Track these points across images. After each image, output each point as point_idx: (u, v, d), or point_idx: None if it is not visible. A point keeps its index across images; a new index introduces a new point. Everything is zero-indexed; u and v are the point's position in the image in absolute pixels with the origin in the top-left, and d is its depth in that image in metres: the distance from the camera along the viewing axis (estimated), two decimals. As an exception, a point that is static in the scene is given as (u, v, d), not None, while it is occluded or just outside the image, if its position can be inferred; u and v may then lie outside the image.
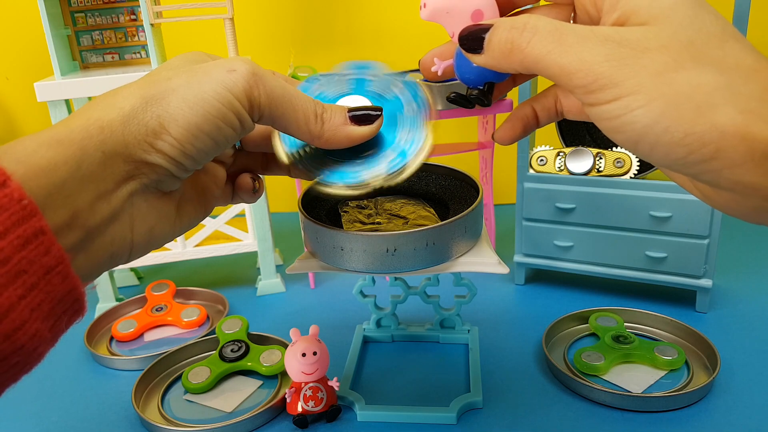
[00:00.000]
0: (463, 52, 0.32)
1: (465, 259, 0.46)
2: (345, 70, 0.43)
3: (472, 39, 0.31)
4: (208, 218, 0.73)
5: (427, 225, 0.44)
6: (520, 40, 0.28)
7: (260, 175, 0.42)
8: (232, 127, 0.32)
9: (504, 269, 0.45)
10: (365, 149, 0.39)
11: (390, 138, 0.39)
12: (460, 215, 0.45)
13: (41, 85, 0.65)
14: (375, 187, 0.37)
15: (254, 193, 0.41)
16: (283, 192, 1.03)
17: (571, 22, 0.33)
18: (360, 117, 0.37)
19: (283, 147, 0.39)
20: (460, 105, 0.36)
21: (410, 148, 0.38)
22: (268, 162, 0.42)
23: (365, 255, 0.44)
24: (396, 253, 0.43)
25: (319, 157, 0.39)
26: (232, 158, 0.41)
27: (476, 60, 0.31)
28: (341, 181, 0.37)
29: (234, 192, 0.41)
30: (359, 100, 0.40)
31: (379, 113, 0.38)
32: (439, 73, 0.36)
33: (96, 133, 0.29)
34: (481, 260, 0.45)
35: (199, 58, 0.36)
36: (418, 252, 0.44)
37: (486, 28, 0.30)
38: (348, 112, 0.37)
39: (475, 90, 0.35)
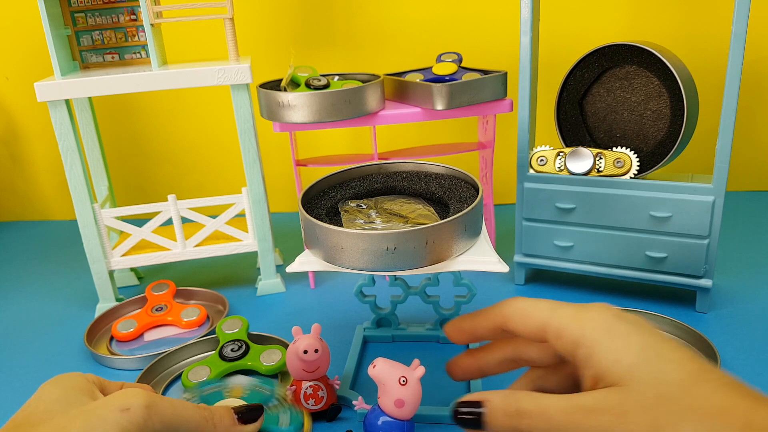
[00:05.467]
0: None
1: (465, 257, 0.46)
2: (192, 391, 0.46)
3: (470, 422, 0.33)
4: (207, 218, 0.74)
5: (426, 223, 0.44)
6: (520, 426, 0.31)
7: None
8: None
9: (504, 268, 0.45)
10: None
11: (272, 425, 0.43)
12: (459, 214, 0.45)
13: (41, 85, 0.65)
14: None
15: None
16: (283, 192, 1.03)
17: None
18: (246, 416, 0.40)
19: None
20: None
21: (293, 424, 0.42)
22: None
23: (365, 253, 0.44)
24: (396, 251, 0.43)
25: None
26: None
27: None
28: None
29: None
30: (235, 401, 0.44)
31: (261, 410, 0.41)
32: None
33: None
34: (480, 259, 0.45)
35: (77, 386, 0.37)
36: (418, 250, 0.44)
37: (479, 411, 0.33)
38: (234, 412, 0.40)
39: None
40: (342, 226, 0.48)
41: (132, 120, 1.04)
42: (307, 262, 0.47)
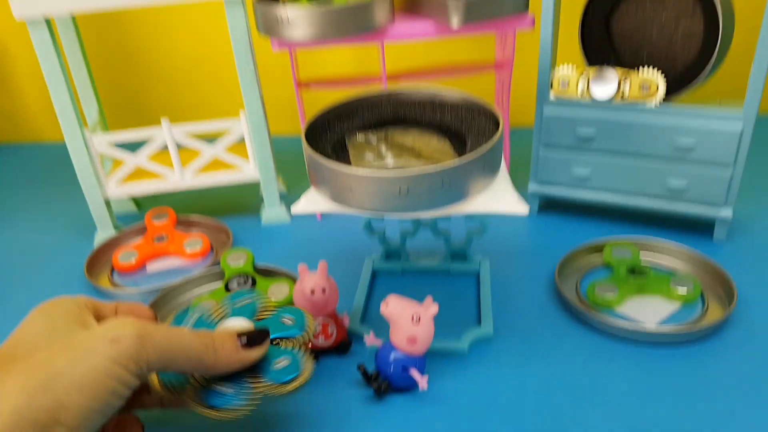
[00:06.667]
0: None
1: (482, 198, 0.43)
2: (223, 301, 0.44)
3: None
4: (205, 145, 0.70)
5: (441, 161, 0.41)
6: None
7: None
8: (122, 396, 0.32)
9: (524, 209, 0.42)
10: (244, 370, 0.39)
11: (270, 359, 0.40)
12: (478, 151, 0.41)
13: (17, 1, 0.59)
14: (247, 412, 0.38)
15: None
16: (284, 113, 0.99)
17: None
18: (250, 341, 0.38)
19: (159, 379, 0.39)
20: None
21: (288, 371, 0.39)
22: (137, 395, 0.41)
23: (376, 195, 0.41)
24: (409, 193, 0.41)
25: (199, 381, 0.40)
26: None
27: None
28: (212, 405, 0.38)
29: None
30: (241, 323, 0.41)
31: (267, 335, 0.39)
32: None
33: None
34: (499, 199, 0.43)
35: (65, 314, 0.35)
36: (433, 192, 0.41)
37: None
38: (238, 337, 0.38)
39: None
40: (350, 162, 0.45)
41: (120, 38, 0.97)
42: (313, 202, 0.44)
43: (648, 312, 0.54)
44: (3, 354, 0.32)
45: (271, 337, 0.41)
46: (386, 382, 0.45)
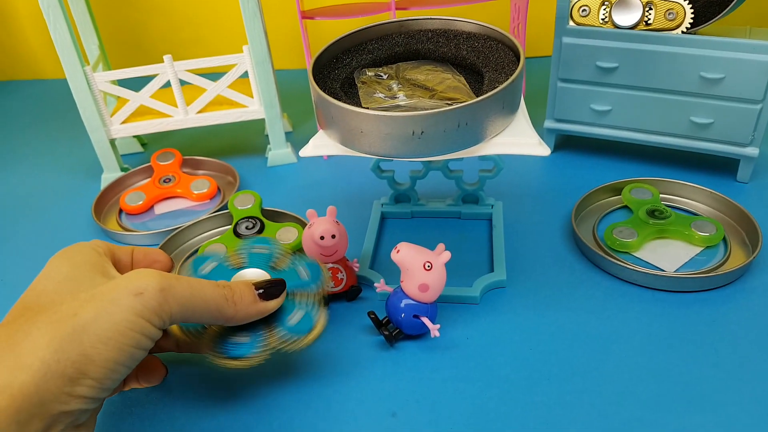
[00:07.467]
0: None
1: (500, 139, 0.40)
2: (240, 248, 0.44)
3: None
4: (208, 81, 0.67)
5: (457, 99, 0.38)
6: None
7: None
8: (146, 348, 0.33)
9: (545, 150, 0.40)
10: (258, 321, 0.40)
11: (284, 311, 0.40)
12: (497, 89, 0.39)
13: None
14: (259, 361, 0.38)
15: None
16: (288, 47, 0.94)
17: None
18: (268, 292, 0.38)
19: (179, 327, 0.40)
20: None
21: (302, 325, 0.39)
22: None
23: (388, 138, 0.38)
24: (423, 135, 0.38)
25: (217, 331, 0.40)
26: None
27: None
28: (227, 354, 0.38)
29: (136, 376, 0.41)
30: (257, 272, 0.42)
31: (284, 286, 0.40)
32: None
33: (6, 405, 0.27)
34: (519, 140, 0.40)
35: (87, 261, 0.35)
36: (449, 134, 0.38)
37: None
38: (255, 288, 0.38)
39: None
40: (359, 101, 0.42)
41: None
42: (322, 145, 0.42)
43: (668, 256, 0.52)
44: (28, 302, 0.33)
45: (287, 289, 0.41)
46: (398, 329, 0.45)
